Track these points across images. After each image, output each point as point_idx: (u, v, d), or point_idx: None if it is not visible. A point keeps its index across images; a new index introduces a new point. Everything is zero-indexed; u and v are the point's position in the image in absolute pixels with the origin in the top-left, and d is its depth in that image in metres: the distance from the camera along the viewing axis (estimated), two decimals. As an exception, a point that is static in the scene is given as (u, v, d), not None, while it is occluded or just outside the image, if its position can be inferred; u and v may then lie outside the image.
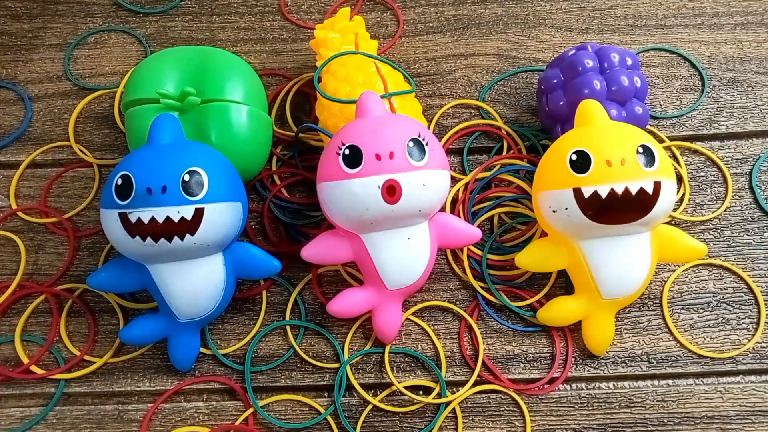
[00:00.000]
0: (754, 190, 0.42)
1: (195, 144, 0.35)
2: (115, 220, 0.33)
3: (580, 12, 0.48)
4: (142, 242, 0.33)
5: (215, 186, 0.34)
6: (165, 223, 0.32)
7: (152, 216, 0.32)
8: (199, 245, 0.34)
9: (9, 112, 0.46)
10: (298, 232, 0.41)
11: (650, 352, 0.38)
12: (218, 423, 0.37)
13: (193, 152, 0.34)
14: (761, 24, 0.47)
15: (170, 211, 0.32)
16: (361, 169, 0.33)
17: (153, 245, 0.33)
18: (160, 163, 0.33)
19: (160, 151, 0.34)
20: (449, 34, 0.48)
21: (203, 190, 0.33)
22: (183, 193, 0.33)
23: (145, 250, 0.33)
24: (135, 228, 0.33)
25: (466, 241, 0.38)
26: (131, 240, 0.33)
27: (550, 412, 0.37)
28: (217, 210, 0.34)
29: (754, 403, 0.37)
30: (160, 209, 0.32)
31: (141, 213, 0.32)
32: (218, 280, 0.36)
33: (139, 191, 0.32)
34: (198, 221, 0.33)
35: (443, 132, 0.44)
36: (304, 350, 0.39)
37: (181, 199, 0.33)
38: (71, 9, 0.50)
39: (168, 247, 0.33)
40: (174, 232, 0.33)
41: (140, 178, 0.33)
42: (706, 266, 0.40)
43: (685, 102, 0.45)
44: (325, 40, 0.42)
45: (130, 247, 0.33)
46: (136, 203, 0.32)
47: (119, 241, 0.34)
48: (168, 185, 0.32)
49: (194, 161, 0.34)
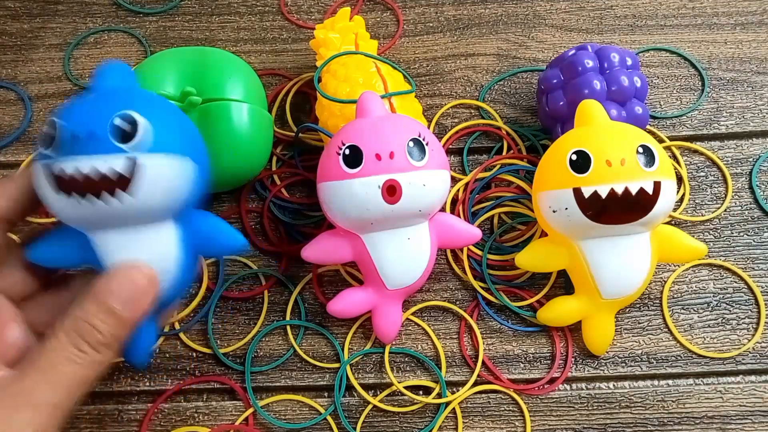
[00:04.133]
0: (754, 190, 0.42)
1: (138, 90, 0.31)
2: (42, 175, 0.28)
3: (580, 12, 0.48)
4: (67, 198, 0.28)
5: (157, 134, 0.28)
6: (94, 177, 0.27)
7: (76, 167, 0.27)
8: (140, 207, 0.28)
9: (9, 112, 0.46)
10: (298, 232, 0.41)
11: (650, 352, 0.38)
12: (218, 423, 0.37)
13: (131, 96, 0.29)
14: (761, 24, 0.47)
15: (97, 162, 0.27)
16: (361, 169, 0.33)
17: (80, 203, 0.28)
18: (91, 106, 0.28)
19: (96, 95, 0.29)
20: (449, 34, 0.48)
21: (138, 137, 0.28)
22: (113, 139, 0.27)
23: (80, 211, 0.28)
24: (60, 181, 0.28)
25: (466, 241, 0.38)
26: (61, 199, 0.28)
27: (550, 412, 0.37)
28: (157, 162, 0.28)
29: (754, 403, 0.37)
30: (84, 159, 0.27)
31: (63, 163, 0.27)
32: (170, 253, 0.30)
33: (64, 138, 0.27)
34: (131, 176, 0.28)
35: (443, 132, 0.44)
36: (304, 350, 0.39)
37: (110, 147, 0.27)
38: (71, 9, 0.50)
39: (103, 209, 0.28)
40: (103, 188, 0.27)
41: (67, 123, 0.28)
42: (706, 266, 0.40)
43: (685, 102, 0.45)
44: (325, 40, 0.42)
45: (62, 209, 0.29)
46: (59, 152, 0.27)
47: (50, 200, 0.29)
48: (95, 130, 0.27)
49: (129, 104, 0.28)
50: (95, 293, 0.28)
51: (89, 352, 0.27)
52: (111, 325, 0.28)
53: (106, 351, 0.28)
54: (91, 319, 0.28)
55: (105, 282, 0.28)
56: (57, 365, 0.27)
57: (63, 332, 0.27)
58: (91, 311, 0.28)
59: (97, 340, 0.28)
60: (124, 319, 0.28)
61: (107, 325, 0.28)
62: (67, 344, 0.27)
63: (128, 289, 0.28)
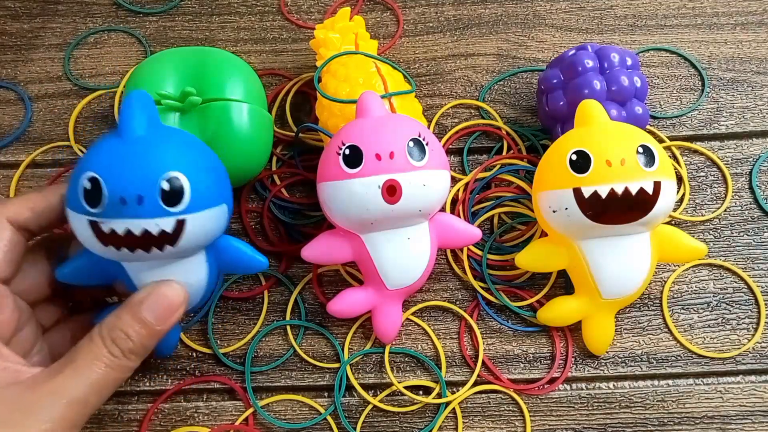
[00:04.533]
0: (754, 190, 0.42)
1: (173, 135, 0.31)
2: (86, 226, 0.29)
3: (580, 12, 0.48)
4: (116, 251, 0.29)
5: (198, 192, 0.30)
6: (143, 236, 0.29)
7: (127, 228, 0.29)
8: (182, 252, 0.31)
9: (9, 112, 0.46)
10: (298, 232, 0.41)
11: (650, 352, 0.38)
12: (218, 423, 0.37)
13: (171, 149, 0.30)
14: (761, 24, 0.47)
15: (148, 224, 0.29)
16: (361, 169, 0.33)
17: (130, 255, 0.30)
18: (135, 165, 0.29)
19: (132, 148, 0.29)
20: (449, 34, 0.48)
21: (185, 200, 0.29)
22: (162, 204, 0.29)
23: (121, 257, 0.30)
24: (108, 238, 0.29)
25: (466, 241, 0.38)
26: (99, 247, 0.30)
27: (550, 412, 0.37)
28: (200, 219, 0.30)
29: (754, 403, 0.37)
30: (136, 221, 0.29)
31: (114, 224, 0.29)
32: (200, 276, 0.33)
33: (112, 200, 0.28)
34: (179, 233, 0.29)
35: (443, 132, 0.44)
36: (304, 350, 0.39)
37: (160, 211, 0.29)
38: (71, 9, 0.50)
39: (145, 255, 0.30)
40: (152, 244, 0.29)
41: (111, 184, 0.28)
42: (706, 266, 0.40)
43: (685, 102, 0.45)
44: (325, 40, 0.42)
45: (102, 251, 0.30)
46: (108, 213, 0.28)
47: (90, 244, 0.30)
48: (144, 195, 0.28)
49: (174, 163, 0.29)
50: (131, 305, 0.31)
51: (120, 358, 0.30)
52: (142, 335, 0.30)
53: (135, 358, 0.31)
54: (126, 328, 0.30)
55: (141, 296, 0.31)
56: (92, 366, 0.29)
57: (99, 337, 0.30)
58: (127, 321, 0.30)
59: (129, 347, 0.30)
60: (155, 331, 0.31)
61: (139, 335, 0.30)
62: (102, 348, 0.30)
63: (161, 305, 0.31)
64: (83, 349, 0.30)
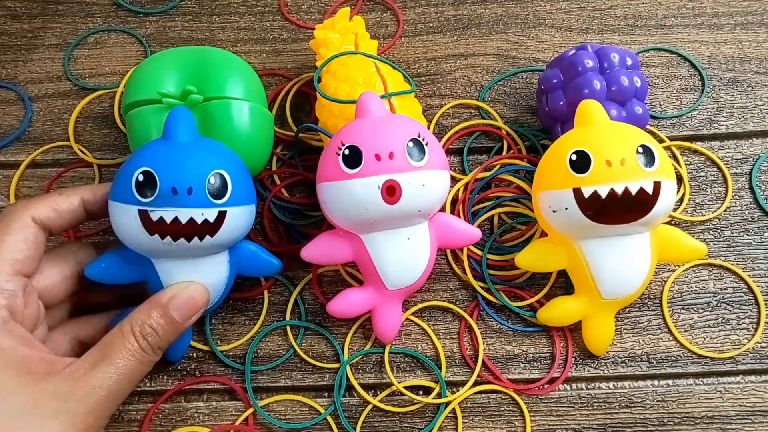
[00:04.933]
0: (754, 190, 0.42)
1: (213, 142, 0.35)
2: (134, 216, 0.32)
3: (580, 12, 0.48)
4: (160, 240, 0.32)
5: (237, 189, 0.34)
6: (188, 224, 0.32)
7: (176, 216, 0.32)
8: (215, 245, 0.34)
9: (9, 112, 0.46)
10: (298, 232, 0.41)
11: (650, 352, 0.38)
12: (218, 423, 0.37)
13: (215, 153, 0.34)
14: (761, 24, 0.47)
15: (194, 213, 0.32)
16: (360, 170, 0.33)
17: (171, 244, 0.33)
18: (186, 162, 0.33)
19: (183, 149, 0.33)
20: (449, 34, 0.48)
21: (227, 193, 0.33)
22: (208, 195, 0.33)
23: (159, 246, 0.33)
24: (155, 226, 0.32)
25: (466, 241, 0.38)
26: (147, 237, 0.32)
27: (550, 412, 0.37)
28: (238, 213, 0.34)
29: (754, 403, 0.37)
30: (184, 210, 0.32)
31: (164, 212, 0.32)
32: (222, 277, 0.36)
33: (164, 190, 0.32)
34: (219, 224, 0.33)
35: (443, 132, 0.44)
36: (304, 350, 0.39)
37: (206, 202, 0.33)
38: (71, 9, 0.50)
39: (184, 246, 0.33)
40: (195, 233, 0.33)
41: (165, 176, 0.32)
42: (706, 266, 0.40)
43: (685, 102, 0.45)
44: (325, 40, 0.42)
45: (142, 242, 0.33)
46: (160, 202, 0.32)
47: (132, 235, 0.33)
48: (194, 187, 0.32)
49: (219, 163, 0.33)
50: (160, 303, 0.33)
51: (149, 352, 0.32)
52: (168, 332, 0.33)
53: (160, 353, 0.33)
54: (154, 324, 0.32)
55: (169, 295, 0.33)
56: (125, 359, 0.31)
57: (131, 332, 0.32)
58: (155, 318, 0.32)
59: (156, 342, 0.32)
60: (179, 327, 0.33)
61: (165, 331, 0.33)
62: (134, 342, 0.32)
63: (188, 304, 0.33)
64: (116, 344, 0.31)
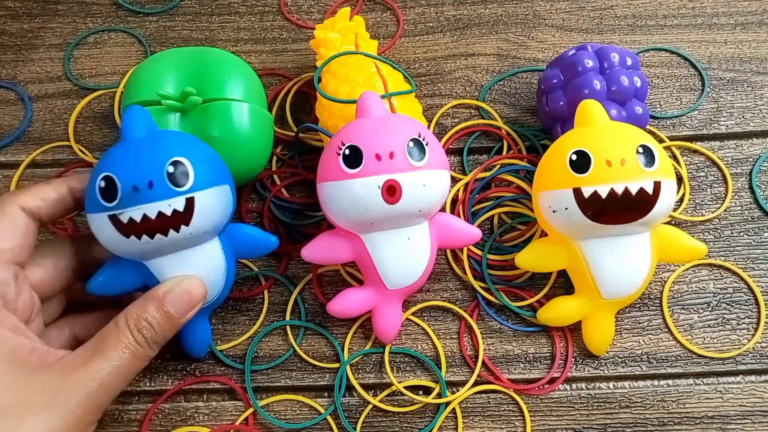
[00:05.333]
0: (754, 190, 0.42)
1: (169, 133, 0.35)
2: (106, 223, 0.32)
3: (580, 12, 0.48)
4: (138, 240, 0.32)
5: (201, 173, 0.33)
6: (158, 219, 0.32)
7: (143, 213, 0.31)
8: (195, 234, 0.33)
9: (9, 112, 0.46)
10: (298, 232, 0.41)
11: (650, 352, 0.38)
12: (218, 423, 0.37)
13: (170, 142, 0.33)
14: (761, 24, 0.47)
15: (161, 206, 0.32)
16: (361, 170, 0.33)
17: (149, 242, 0.32)
18: (140, 158, 0.32)
19: (137, 145, 0.33)
20: (449, 34, 0.48)
21: (190, 179, 0.32)
22: (170, 185, 0.32)
23: (142, 247, 0.32)
24: (128, 228, 0.32)
25: (466, 241, 0.38)
26: (126, 240, 0.32)
27: (550, 412, 0.37)
28: (208, 196, 0.33)
29: (754, 403, 0.37)
30: (150, 205, 0.31)
31: (131, 212, 0.31)
32: (218, 264, 0.35)
33: (125, 191, 0.31)
34: (191, 211, 0.32)
35: (443, 132, 0.44)
36: (304, 350, 0.39)
37: (169, 192, 0.32)
38: (71, 9, 0.50)
39: (165, 241, 0.32)
40: (169, 226, 0.32)
41: (123, 177, 0.31)
42: (706, 266, 0.40)
43: (685, 102, 0.45)
44: (325, 40, 0.42)
45: (125, 248, 0.33)
46: (124, 203, 0.31)
47: (113, 242, 0.33)
48: (153, 180, 0.31)
49: (174, 151, 0.32)
50: (155, 297, 0.33)
51: (144, 346, 0.32)
52: (164, 326, 0.33)
53: (156, 348, 0.33)
54: (150, 319, 0.32)
55: (164, 289, 0.33)
56: (119, 352, 0.31)
57: (126, 326, 0.32)
58: (151, 312, 0.32)
59: (152, 336, 0.32)
60: (176, 323, 0.33)
61: (161, 326, 0.32)
62: (129, 336, 0.31)
63: (183, 299, 0.33)
64: (111, 337, 0.31)
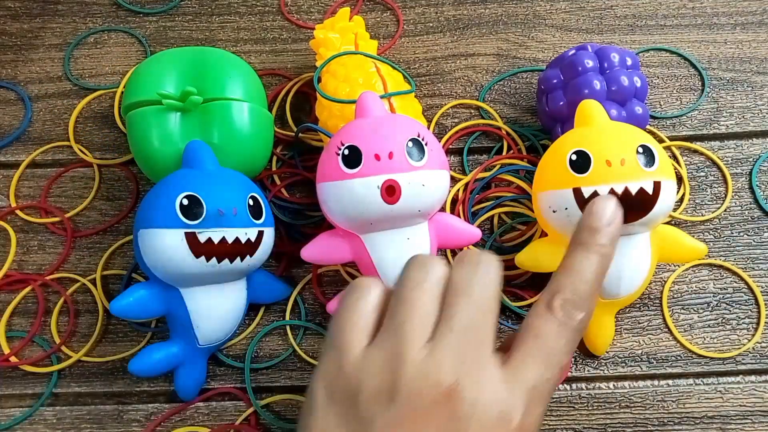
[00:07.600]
0: (754, 190, 0.42)
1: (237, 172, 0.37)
2: (180, 239, 0.33)
3: (580, 12, 0.48)
4: (205, 262, 0.33)
5: (268, 212, 0.36)
6: (234, 244, 0.34)
7: (223, 236, 0.33)
8: (250, 266, 0.35)
9: (9, 112, 0.46)
10: (298, 232, 0.41)
11: (650, 352, 0.38)
12: (218, 423, 0.37)
13: (246, 179, 0.36)
14: (761, 24, 0.47)
15: (239, 233, 0.34)
16: (360, 169, 0.33)
17: (215, 266, 0.33)
18: (227, 186, 0.35)
19: (218, 175, 0.35)
20: (449, 34, 0.48)
21: (263, 215, 0.35)
22: (250, 216, 0.34)
23: (203, 269, 0.33)
24: (203, 247, 0.33)
25: (466, 241, 0.38)
26: (193, 260, 0.33)
27: (550, 412, 0.37)
28: (270, 233, 0.36)
29: (754, 403, 0.37)
30: (231, 230, 0.34)
31: (212, 233, 0.33)
32: (242, 303, 0.37)
33: (211, 212, 0.33)
34: (258, 243, 0.35)
35: (443, 132, 0.44)
36: (304, 350, 0.39)
37: (249, 222, 0.34)
38: (71, 9, 0.50)
39: (224, 268, 0.34)
40: (238, 253, 0.34)
41: (210, 199, 0.33)
42: (706, 266, 0.40)
43: (685, 102, 0.45)
44: (325, 40, 0.42)
45: (185, 267, 0.33)
46: (208, 223, 0.33)
47: (176, 260, 0.33)
48: (238, 207, 0.34)
49: (252, 188, 0.36)
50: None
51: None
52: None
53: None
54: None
55: None
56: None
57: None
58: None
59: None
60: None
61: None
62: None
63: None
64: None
